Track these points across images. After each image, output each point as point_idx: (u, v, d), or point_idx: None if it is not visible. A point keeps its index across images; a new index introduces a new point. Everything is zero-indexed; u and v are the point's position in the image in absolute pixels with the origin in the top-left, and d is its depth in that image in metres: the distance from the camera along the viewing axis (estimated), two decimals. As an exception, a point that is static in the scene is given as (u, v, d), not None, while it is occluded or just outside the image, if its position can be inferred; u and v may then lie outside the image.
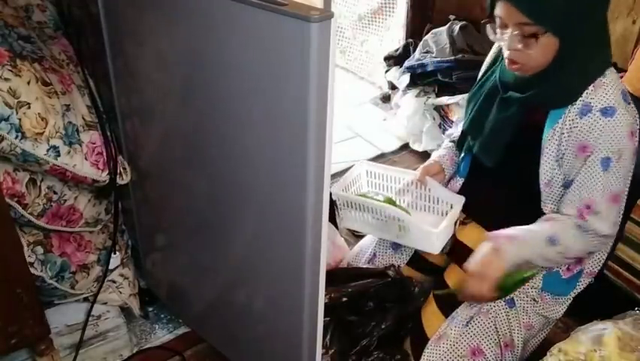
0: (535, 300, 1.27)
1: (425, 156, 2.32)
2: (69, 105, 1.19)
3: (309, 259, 0.99)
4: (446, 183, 1.46)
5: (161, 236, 1.50)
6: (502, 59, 1.23)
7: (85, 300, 1.44)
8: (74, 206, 1.28)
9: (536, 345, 1.33)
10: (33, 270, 1.21)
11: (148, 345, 1.53)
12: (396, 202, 1.45)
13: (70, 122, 1.18)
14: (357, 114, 2.85)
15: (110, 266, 1.44)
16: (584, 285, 1.31)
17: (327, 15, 0.78)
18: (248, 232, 1.15)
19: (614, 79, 1.14)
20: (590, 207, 1.14)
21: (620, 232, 1.46)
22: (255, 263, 1.16)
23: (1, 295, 1.10)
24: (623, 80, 1.53)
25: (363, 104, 2.95)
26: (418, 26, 2.69)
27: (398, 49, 2.69)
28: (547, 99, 1.17)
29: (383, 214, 1.37)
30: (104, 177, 1.25)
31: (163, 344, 1.54)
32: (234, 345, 1.41)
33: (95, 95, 1.29)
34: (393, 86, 2.70)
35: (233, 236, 1.19)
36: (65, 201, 1.26)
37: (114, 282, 1.48)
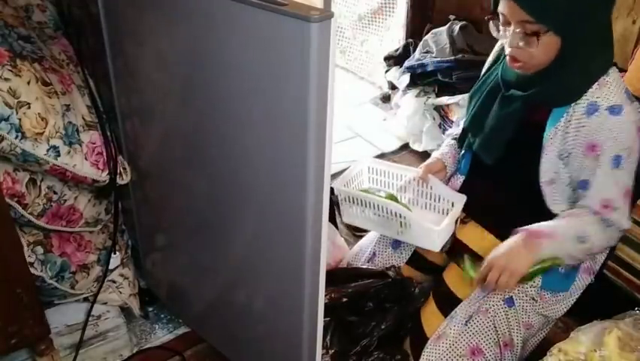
0: (535, 299, 1.27)
1: (425, 156, 2.32)
2: (69, 105, 1.19)
3: (309, 259, 0.99)
4: (447, 181, 1.46)
5: (161, 236, 1.50)
6: (504, 57, 1.23)
7: (85, 300, 1.44)
8: (74, 206, 1.28)
9: (535, 344, 1.33)
10: (33, 270, 1.21)
11: (148, 345, 1.53)
12: (398, 199, 1.45)
13: (70, 122, 1.18)
14: (357, 114, 2.85)
15: (110, 266, 1.44)
16: (583, 282, 1.30)
17: (327, 15, 0.78)
18: (248, 232, 1.15)
19: (617, 77, 1.15)
20: (609, 204, 1.16)
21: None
22: (255, 263, 1.16)
23: (1, 295, 1.10)
24: (623, 80, 1.53)
25: (363, 104, 2.95)
26: (418, 26, 2.69)
27: (398, 49, 2.69)
28: (549, 97, 1.17)
29: (385, 210, 1.37)
30: (104, 177, 1.25)
31: (163, 344, 1.54)
32: (234, 345, 1.41)
33: (95, 95, 1.29)
34: (393, 86, 2.70)
35: (233, 236, 1.19)
36: (65, 201, 1.26)
37: (114, 282, 1.48)
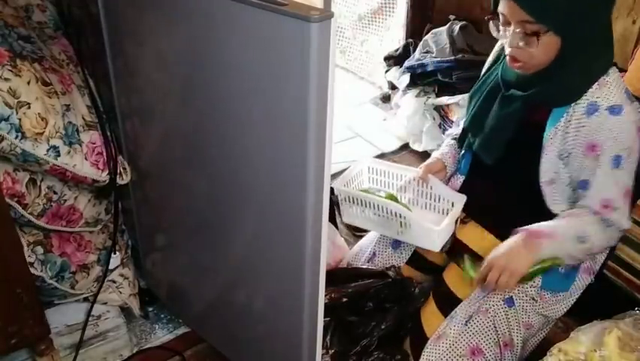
0: (535, 299, 1.27)
1: (425, 156, 2.32)
2: (69, 105, 1.19)
3: (309, 259, 0.99)
4: (447, 181, 1.46)
5: (161, 236, 1.50)
6: (503, 57, 1.23)
7: (85, 300, 1.44)
8: (74, 206, 1.28)
9: (535, 344, 1.33)
10: (33, 270, 1.21)
11: (148, 345, 1.53)
12: (398, 199, 1.45)
13: (70, 122, 1.18)
14: (357, 114, 2.85)
15: (110, 266, 1.44)
16: (583, 282, 1.30)
17: (327, 15, 0.78)
18: (248, 232, 1.15)
19: (617, 77, 1.15)
20: (609, 204, 1.16)
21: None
22: (255, 263, 1.16)
23: (1, 295, 1.10)
24: (623, 80, 1.53)
25: (363, 104, 2.95)
26: (418, 26, 2.69)
27: (398, 49, 2.69)
28: (549, 97, 1.17)
29: (385, 210, 1.37)
30: (104, 177, 1.25)
31: (163, 344, 1.54)
32: (234, 345, 1.41)
33: (95, 95, 1.29)
34: (393, 86, 2.70)
35: (233, 236, 1.19)
36: (65, 201, 1.26)
37: (114, 282, 1.48)
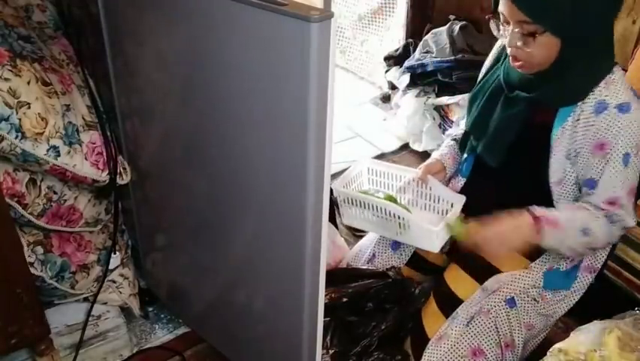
0: (536, 300, 1.27)
1: (425, 156, 2.32)
2: (69, 105, 1.19)
3: (309, 259, 0.99)
4: (447, 182, 1.46)
5: (161, 236, 1.50)
6: (504, 58, 1.23)
7: (85, 300, 1.44)
8: (74, 206, 1.28)
9: (536, 345, 1.33)
10: (33, 270, 1.21)
11: (148, 345, 1.53)
12: (397, 200, 1.45)
13: (70, 122, 1.18)
14: (357, 114, 2.85)
15: (110, 266, 1.44)
16: (584, 281, 1.30)
17: (327, 15, 0.78)
18: (248, 232, 1.15)
19: (622, 75, 1.15)
20: (616, 202, 1.16)
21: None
22: (255, 263, 1.16)
23: (1, 295, 1.10)
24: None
25: (363, 104, 2.95)
26: (418, 26, 2.69)
27: (398, 49, 2.69)
28: (554, 98, 1.17)
29: (384, 212, 1.37)
30: (104, 177, 1.25)
31: (163, 344, 1.54)
32: (234, 345, 1.41)
33: (95, 95, 1.29)
34: (393, 86, 2.70)
35: (233, 236, 1.19)
36: (65, 201, 1.26)
37: (114, 282, 1.48)
